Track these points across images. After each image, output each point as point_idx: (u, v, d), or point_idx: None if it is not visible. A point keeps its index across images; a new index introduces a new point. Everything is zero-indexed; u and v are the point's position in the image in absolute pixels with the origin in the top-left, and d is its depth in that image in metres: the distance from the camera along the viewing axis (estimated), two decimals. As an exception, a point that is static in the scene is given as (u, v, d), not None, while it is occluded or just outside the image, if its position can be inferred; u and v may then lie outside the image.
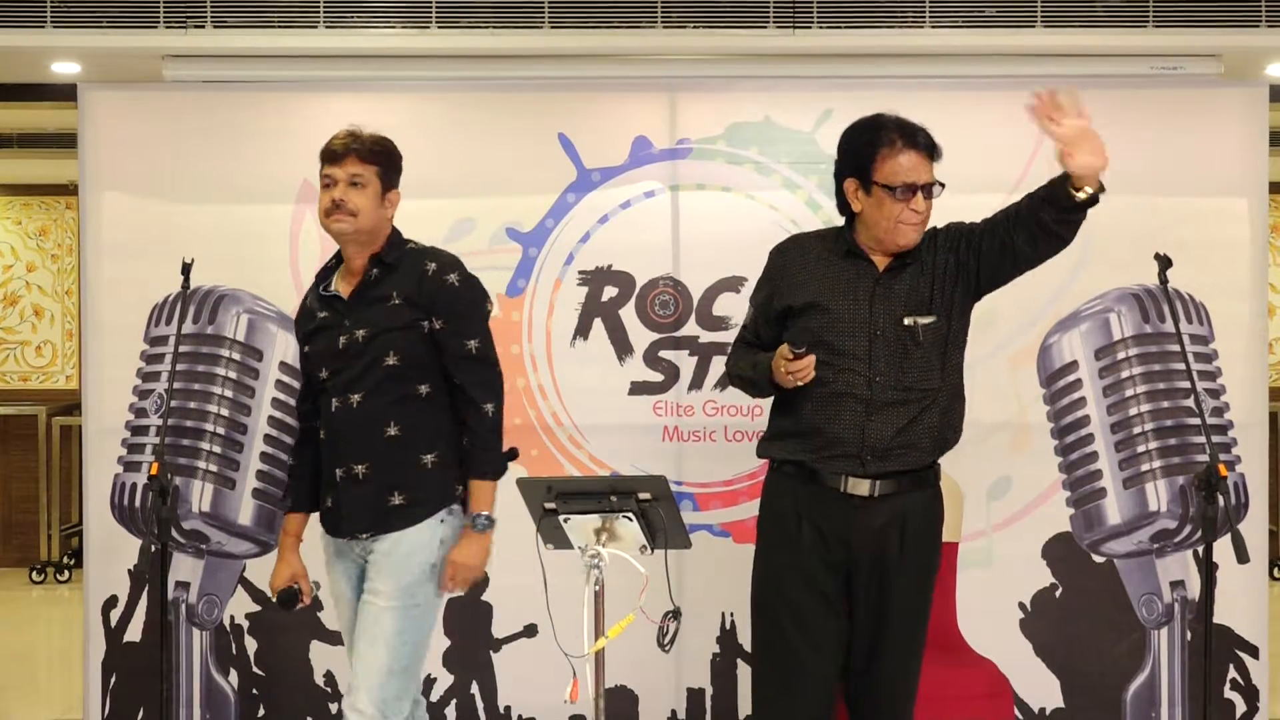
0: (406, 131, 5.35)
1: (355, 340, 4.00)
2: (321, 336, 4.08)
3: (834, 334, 3.83)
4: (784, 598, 3.83)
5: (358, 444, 3.99)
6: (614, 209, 5.39)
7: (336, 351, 4.03)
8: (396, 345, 3.97)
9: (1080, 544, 5.34)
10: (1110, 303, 5.34)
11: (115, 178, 5.39)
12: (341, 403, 4.00)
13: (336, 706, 5.36)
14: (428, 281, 4.02)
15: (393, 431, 3.97)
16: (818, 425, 3.82)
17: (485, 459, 4.02)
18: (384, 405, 3.97)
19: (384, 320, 3.99)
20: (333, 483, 4.04)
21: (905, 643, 3.87)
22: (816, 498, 3.83)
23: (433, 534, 3.97)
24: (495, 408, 4.03)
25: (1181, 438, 5.27)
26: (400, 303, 4.01)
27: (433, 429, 4.01)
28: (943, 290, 3.87)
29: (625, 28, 5.31)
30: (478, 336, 4.05)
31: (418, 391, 4.00)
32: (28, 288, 9.64)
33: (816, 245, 3.97)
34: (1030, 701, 5.32)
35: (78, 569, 8.10)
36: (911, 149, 3.84)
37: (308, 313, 4.17)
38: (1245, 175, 5.36)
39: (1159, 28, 5.26)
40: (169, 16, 5.28)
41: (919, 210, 3.83)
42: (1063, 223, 3.73)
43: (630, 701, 5.34)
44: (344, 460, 4.01)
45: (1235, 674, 5.37)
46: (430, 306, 4.00)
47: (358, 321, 4.01)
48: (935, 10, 5.29)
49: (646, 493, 3.63)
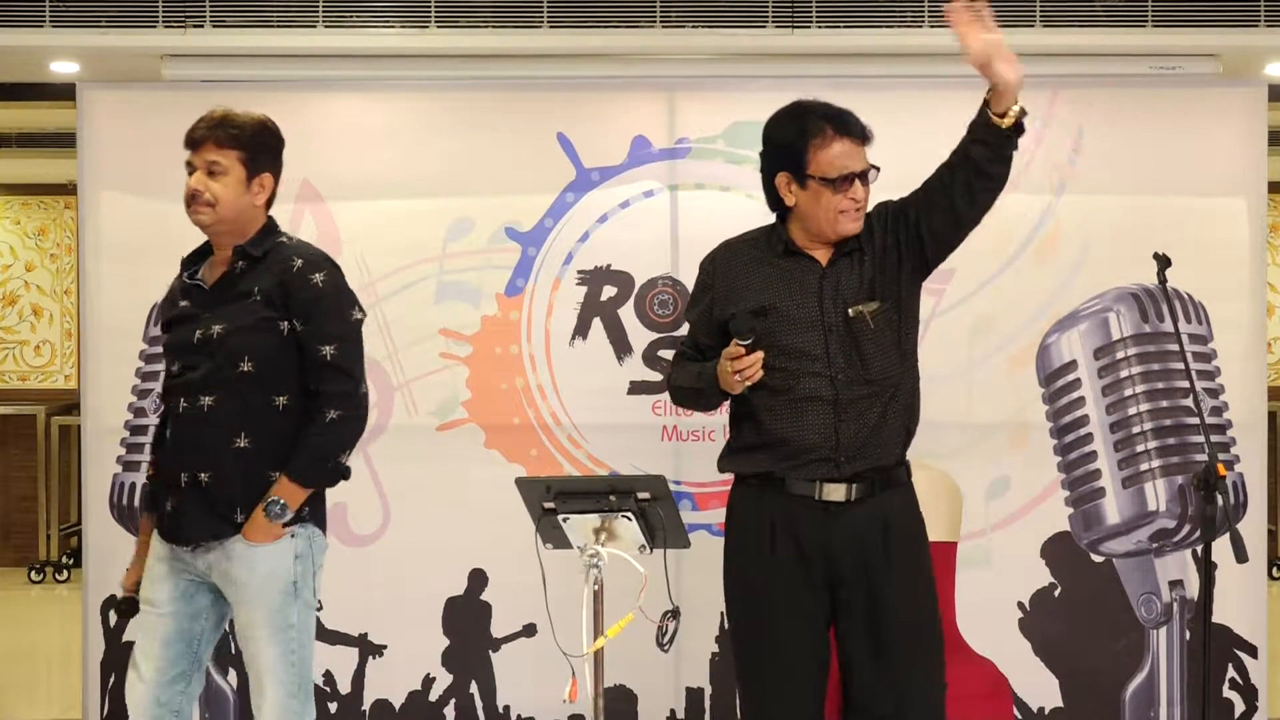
0: (405, 131, 5.41)
1: (211, 336, 3.77)
2: (179, 327, 3.86)
3: (787, 336, 3.66)
4: (765, 624, 3.68)
5: (203, 451, 3.76)
6: (613, 208, 5.39)
7: (191, 345, 3.80)
8: (253, 348, 3.75)
9: (1079, 543, 5.34)
10: (1109, 302, 5.34)
11: (114, 177, 5.39)
12: (190, 405, 3.77)
13: (336, 706, 5.36)
14: (291, 279, 3.79)
15: (242, 443, 3.75)
16: (785, 435, 3.66)
17: (306, 460, 3.77)
18: (234, 414, 3.75)
19: (242, 317, 3.78)
20: (175, 487, 3.80)
21: (917, 651, 3.69)
22: (790, 508, 3.66)
23: (287, 553, 3.81)
24: (342, 419, 3.78)
25: (1180, 437, 5.27)
26: (259, 300, 3.79)
27: (287, 445, 3.78)
28: (885, 273, 3.73)
29: (624, 27, 5.31)
30: (336, 343, 3.79)
31: (273, 402, 3.78)
32: (27, 287, 9.65)
33: (749, 249, 3.80)
34: (1029, 701, 5.33)
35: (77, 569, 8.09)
36: (844, 136, 3.70)
37: (169, 299, 3.97)
38: (1244, 175, 5.36)
39: (1158, 27, 5.26)
40: (168, 16, 5.28)
41: (857, 199, 3.69)
42: (995, 160, 3.63)
43: (629, 701, 5.34)
44: (188, 466, 3.77)
45: (1234, 673, 5.37)
46: (290, 306, 3.78)
47: (217, 316, 3.80)
48: (935, 10, 5.29)
49: (645, 492, 3.62)
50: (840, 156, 3.69)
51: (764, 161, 3.80)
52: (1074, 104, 5.35)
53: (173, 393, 3.84)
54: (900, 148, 5.07)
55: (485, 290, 5.38)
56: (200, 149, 3.84)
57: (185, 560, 3.85)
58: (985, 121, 3.65)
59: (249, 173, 3.85)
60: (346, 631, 5.37)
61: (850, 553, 3.67)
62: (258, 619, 3.79)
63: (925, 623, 3.74)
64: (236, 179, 3.83)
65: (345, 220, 5.38)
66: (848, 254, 3.75)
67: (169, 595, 3.87)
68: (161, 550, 3.88)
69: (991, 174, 3.68)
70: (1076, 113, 5.34)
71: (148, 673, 3.85)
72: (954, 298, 5.35)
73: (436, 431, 5.36)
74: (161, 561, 3.88)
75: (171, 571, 3.87)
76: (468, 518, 5.29)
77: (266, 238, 3.89)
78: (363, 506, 5.37)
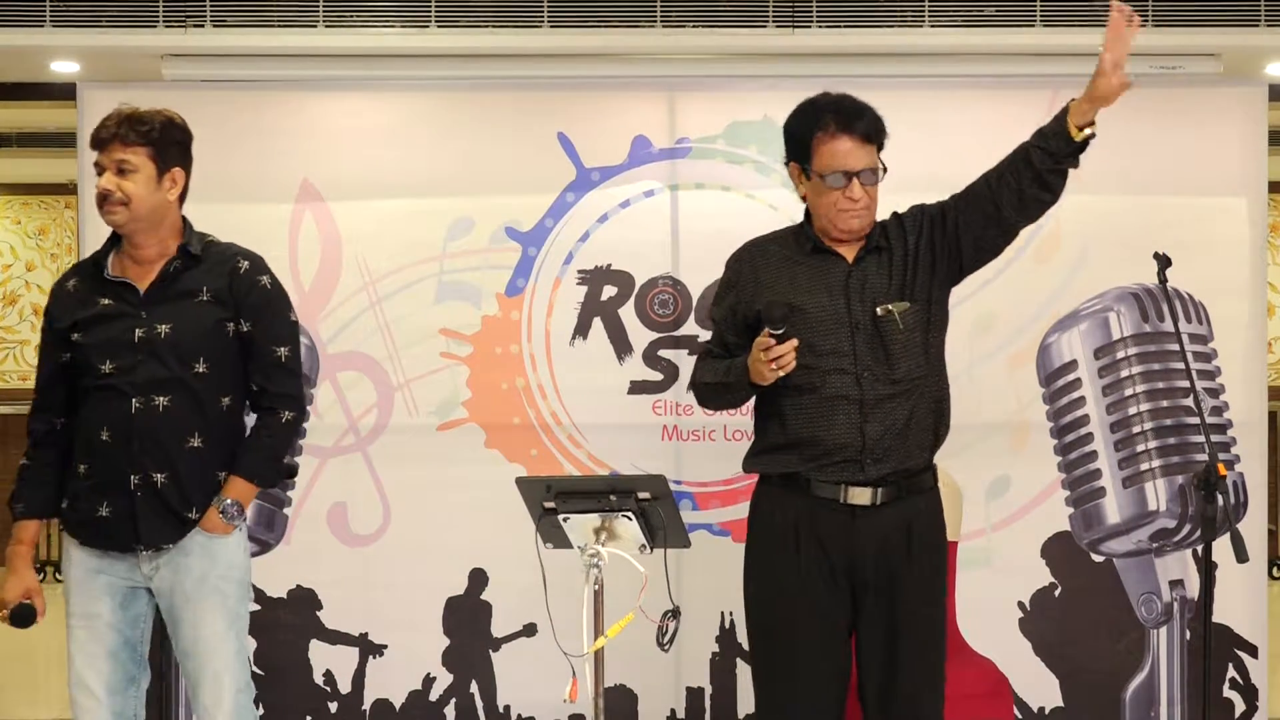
0: (405, 131, 5.40)
1: (156, 336, 3.73)
2: (104, 325, 3.77)
3: (813, 334, 3.63)
4: (787, 626, 3.66)
5: (157, 451, 3.71)
6: (613, 208, 5.39)
7: (129, 344, 3.74)
8: (205, 350, 3.75)
9: (1079, 543, 5.34)
10: (1109, 302, 5.34)
11: (114, 177, 5.39)
12: (144, 404, 3.71)
13: (336, 706, 5.36)
14: (239, 280, 3.81)
15: (195, 443, 3.73)
16: (812, 435, 3.63)
17: (259, 460, 3.80)
18: (188, 414, 3.73)
19: (191, 318, 3.76)
20: (122, 489, 3.71)
21: (925, 656, 3.69)
22: (814, 511, 3.64)
23: (240, 545, 3.82)
24: (293, 418, 3.84)
25: (1181, 437, 5.27)
26: (209, 300, 3.78)
27: (233, 442, 3.80)
28: (916, 276, 3.72)
29: (624, 27, 5.31)
30: (288, 344, 3.84)
31: (220, 403, 3.78)
32: (27, 287, 9.66)
33: (776, 248, 3.79)
34: (1029, 701, 5.32)
35: (77, 568, 8.08)
36: (846, 134, 3.68)
37: (76, 297, 3.84)
38: (1244, 175, 5.36)
39: (1158, 27, 5.26)
40: (168, 16, 5.28)
41: (854, 198, 3.66)
42: (1055, 171, 3.62)
43: (630, 701, 5.34)
44: (140, 467, 3.70)
45: (1234, 673, 5.37)
46: (239, 306, 3.79)
47: (159, 316, 3.75)
48: (934, 10, 5.29)
49: (646, 492, 3.61)
50: (840, 154, 3.68)
51: (785, 152, 3.80)
52: (1074, 104, 5.34)
53: (105, 391, 3.73)
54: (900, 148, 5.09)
55: (485, 290, 5.38)
56: (107, 148, 3.78)
57: (122, 566, 3.77)
58: (1060, 130, 3.63)
59: (159, 169, 3.80)
60: (347, 631, 5.37)
61: (873, 557, 3.66)
62: (214, 613, 3.75)
63: (939, 633, 3.75)
64: (147, 176, 3.78)
65: (345, 220, 5.38)
66: (874, 250, 3.74)
67: (110, 607, 3.78)
68: (90, 561, 3.78)
69: (1049, 184, 3.66)
70: (1077, 112, 5.34)
71: (100, 690, 3.78)
72: (954, 298, 5.24)
73: (437, 431, 5.36)
74: (94, 573, 3.78)
75: (108, 582, 3.78)
76: (468, 518, 5.29)
77: (197, 236, 3.87)
78: (363, 506, 5.37)
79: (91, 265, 3.90)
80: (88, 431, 3.77)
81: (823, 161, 3.68)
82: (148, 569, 3.77)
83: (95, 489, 3.74)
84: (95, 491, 3.74)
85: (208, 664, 3.76)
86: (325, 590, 5.39)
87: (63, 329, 3.82)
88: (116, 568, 3.77)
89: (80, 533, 3.79)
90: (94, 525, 3.75)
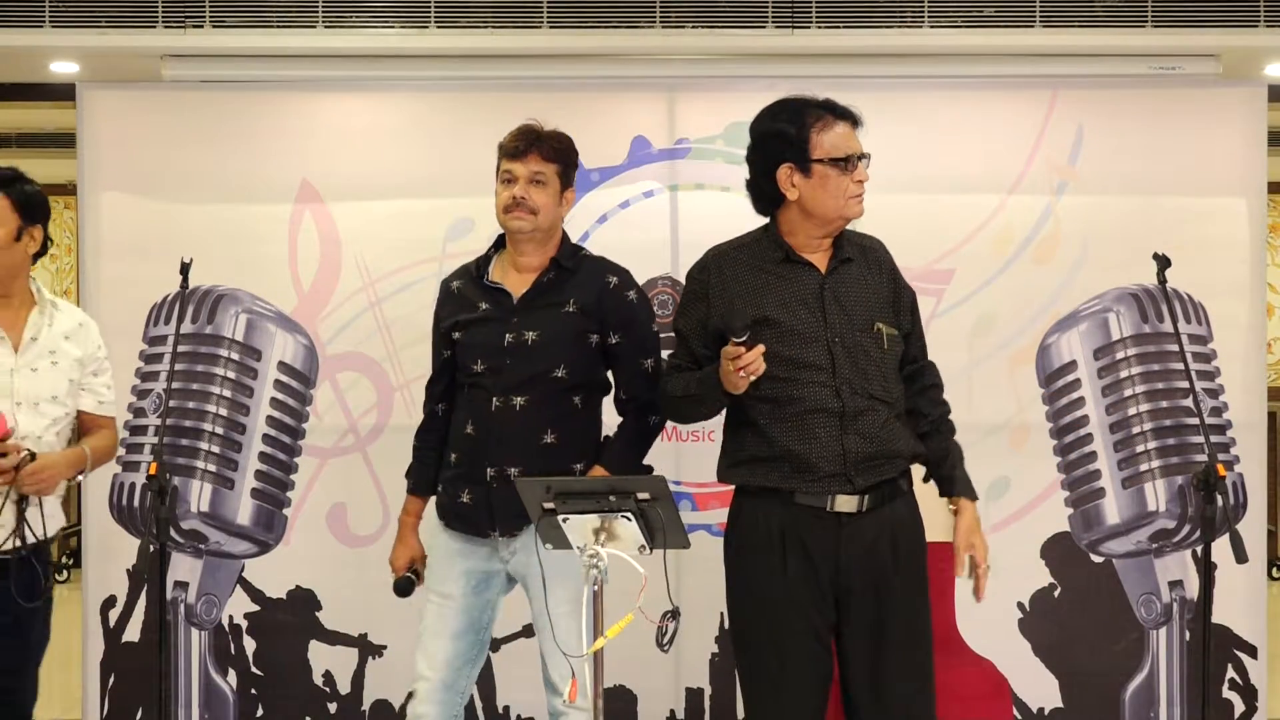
0: (405, 131, 5.40)
1: (524, 341, 3.99)
2: (481, 328, 4.04)
3: (791, 347, 3.63)
4: (774, 634, 3.67)
5: (513, 447, 3.98)
6: (613, 209, 5.39)
7: (499, 348, 4.00)
8: (566, 357, 3.99)
9: (1079, 544, 5.34)
10: (1109, 302, 5.34)
11: (114, 177, 5.39)
12: (503, 403, 3.98)
13: (335, 706, 5.36)
14: (609, 296, 4.06)
15: (549, 439, 3.99)
16: (792, 449, 3.64)
17: (627, 456, 4.06)
18: (545, 413, 3.98)
19: (557, 327, 4.00)
20: (480, 480, 4.00)
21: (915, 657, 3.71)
22: (799, 518, 3.65)
23: None
24: (659, 421, 4.12)
25: (1180, 437, 5.27)
26: (575, 311, 4.02)
27: (584, 438, 4.06)
28: (899, 314, 3.78)
29: (624, 27, 5.31)
30: (653, 355, 4.11)
31: (574, 403, 4.03)
32: (26, 287, 9.62)
33: (743, 256, 3.76)
34: (1029, 701, 5.32)
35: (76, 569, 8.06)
36: (842, 120, 3.72)
37: (461, 299, 4.12)
38: (1244, 175, 5.36)
39: (1158, 28, 5.26)
40: (168, 16, 5.28)
41: (863, 180, 3.70)
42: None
43: (629, 701, 5.34)
44: (496, 461, 3.98)
45: (1234, 674, 5.37)
46: (607, 321, 4.04)
47: (528, 323, 4.00)
48: (934, 10, 5.29)
49: (645, 492, 3.61)
50: (844, 138, 3.70)
51: (759, 157, 3.76)
52: (1074, 104, 5.35)
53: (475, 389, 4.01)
54: (900, 148, 5.11)
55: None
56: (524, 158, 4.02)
57: (483, 551, 4.03)
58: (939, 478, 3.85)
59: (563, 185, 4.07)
60: (346, 632, 5.37)
61: (859, 563, 3.67)
62: (564, 596, 3.89)
63: (924, 636, 3.76)
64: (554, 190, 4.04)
65: (345, 220, 5.38)
66: (845, 260, 3.74)
67: (463, 589, 4.05)
68: (453, 543, 4.06)
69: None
70: (1076, 113, 5.35)
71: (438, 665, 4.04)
72: (954, 298, 5.35)
73: (436, 432, 5.35)
74: (455, 556, 4.06)
75: (466, 566, 4.05)
76: (467, 518, 5.28)
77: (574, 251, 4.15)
78: (363, 506, 5.37)
79: (475, 268, 4.15)
80: (458, 424, 4.08)
81: (827, 147, 3.68)
82: (505, 553, 4.03)
83: (460, 478, 4.04)
84: (460, 480, 4.04)
85: (554, 651, 3.93)
86: (325, 590, 5.39)
87: (446, 328, 4.12)
88: (478, 552, 4.05)
89: (446, 516, 4.09)
90: (457, 510, 4.05)
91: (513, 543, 4.01)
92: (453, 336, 4.10)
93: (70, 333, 4.07)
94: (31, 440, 3.90)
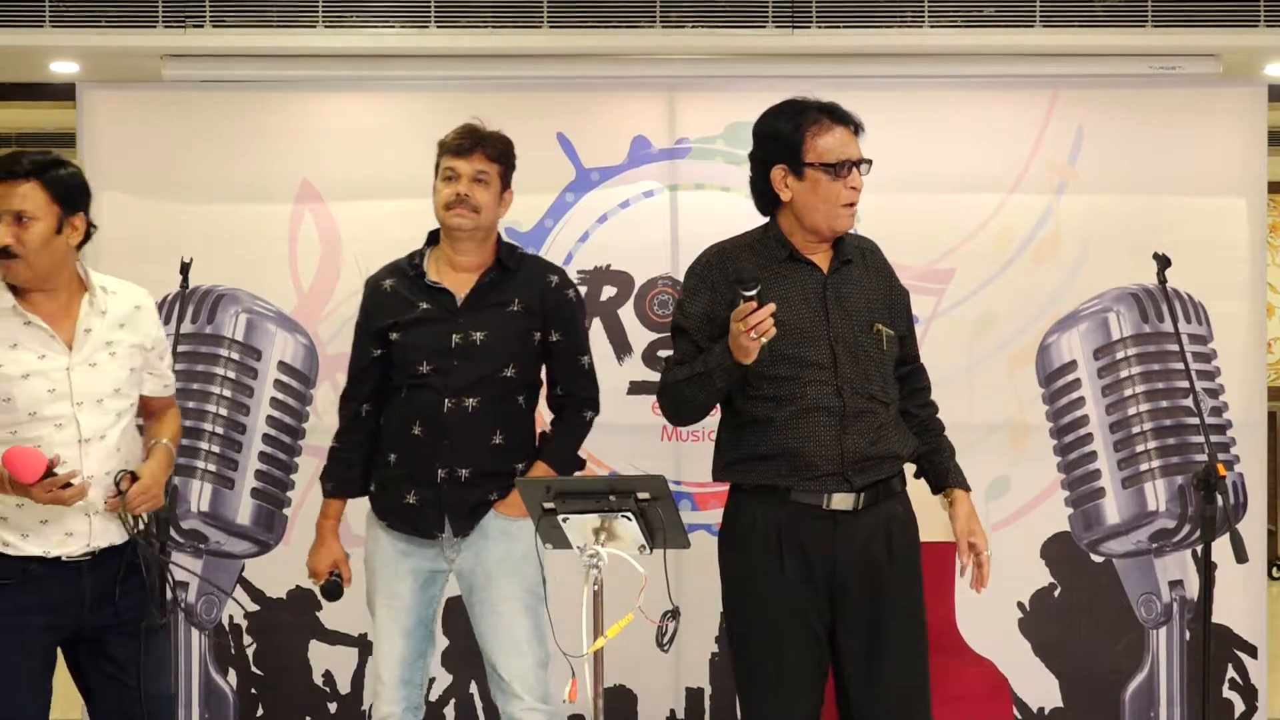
0: (404, 131, 5.40)
1: (472, 342, 3.99)
2: (422, 329, 4.02)
3: (793, 345, 3.62)
4: (772, 633, 3.68)
5: (465, 448, 3.98)
6: (613, 208, 5.39)
7: (446, 348, 4.00)
8: (514, 356, 4.02)
9: (1079, 544, 5.34)
10: (1109, 302, 5.34)
11: (114, 177, 5.38)
12: (455, 404, 3.97)
13: (335, 706, 5.36)
14: (551, 294, 4.08)
15: (498, 440, 4.01)
16: (791, 447, 3.64)
17: (565, 451, 4.12)
18: (494, 414, 4.00)
19: (504, 327, 4.02)
20: (429, 482, 3.99)
21: (911, 655, 3.71)
22: (795, 517, 3.65)
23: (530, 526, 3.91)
24: (593, 418, 4.18)
25: (1180, 437, 5.27)
26: (520, 310, 4.04)
27: (528, 438, 4.10)
28: (894, 316, 3.79)
29: (624, 27, 5.31)
30: (588, 353, 4.18)
31: (519, 403, 4.06)
32: (26, 287, 9.62)
33: (746, 254, 3.72)
34: (1029, 701, 5.32)
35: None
36: (840, 124, 3.71)
37: (396, 298, 4.07)
38: (1244, 175, 5.36)
39: (1158, 27, 5.26)
40: (168, 16, 5.28)
41: (857, 188, 3.68)
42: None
43: (629, 701, 5.34)
44: (447, 462, 3.98)
45: (1234, 673, 5.37)
46: (549, 319, 4.06)
47: (475, 323, 4.00)
48: (934, 10, 5.28)
49: (645, 492, 3.61)
50: (839, 143, 3.69)
51: (757, 156, 3.77)
52: (1074, 104, 5.35)
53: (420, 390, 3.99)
54: (900, 148, 5.11)
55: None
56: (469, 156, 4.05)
57: (429, 552, 4.04)
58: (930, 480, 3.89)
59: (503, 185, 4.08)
60: (346, 632, 5.37)
61: (855, 561, 3.68)
62: (516, 590, 3.96)
63: (920, 634, 3.76)
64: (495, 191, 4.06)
65: (345, 220, 5.38)
66: (846, 262, 3.75)
67: (411, 588, 4.06)
68: (397, 544, 4.05)
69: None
70: (1076, 113, 5.35)
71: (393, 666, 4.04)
72: (954, 298, 5.35)
73: (436, 431, 5.35)
74: (401, 556, 4.05)
75: (413, 565, 4.05)
76: (467, 518, 5.28)
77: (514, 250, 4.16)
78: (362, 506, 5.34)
79: (408, 267, 4.09)
80: (400, 425, 4.03)
81: (821, 151, 3.67)
82: (450, 553, 4.03)
83: (404, 479, 4.02)
84: (404, 480, 4.01)
85: (507, 639, 3.99)
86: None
87: (382, 328, 4.06)
88: (424, 552, 4.05)
89: (388, 517, 4.07)
90: (401, 512, 4.03)
91: (460, 543, 4.02)
92: (389, 337, 4.04)
93: (126, 318, 3.81)
94: (95, 441, 3.65)
